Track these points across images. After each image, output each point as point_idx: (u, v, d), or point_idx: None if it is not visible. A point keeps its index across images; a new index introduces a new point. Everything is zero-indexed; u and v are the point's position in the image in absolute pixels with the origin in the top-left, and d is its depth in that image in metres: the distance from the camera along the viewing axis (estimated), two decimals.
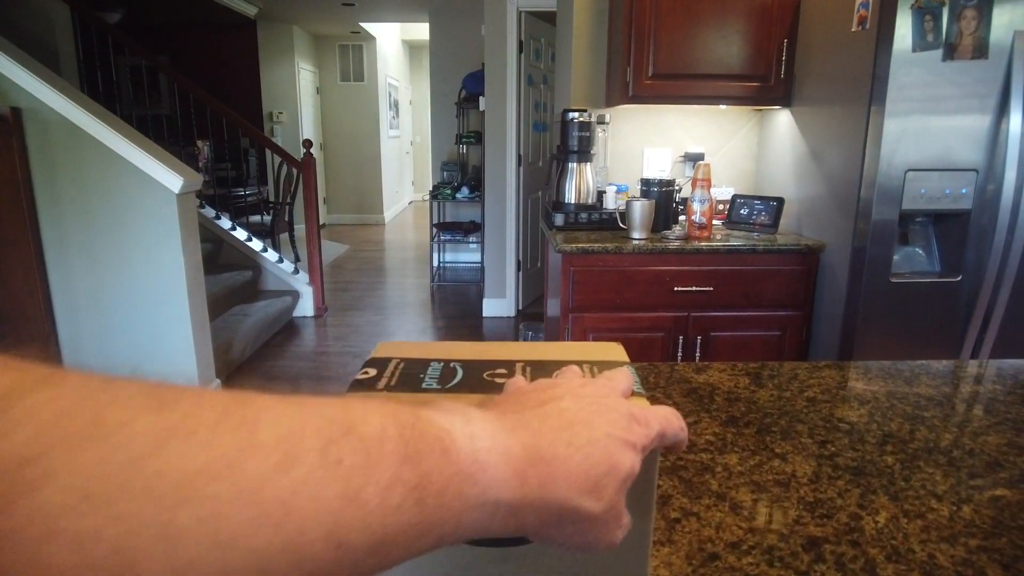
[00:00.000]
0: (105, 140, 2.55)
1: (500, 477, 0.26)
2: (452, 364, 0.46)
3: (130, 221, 2.63)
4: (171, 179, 2.59)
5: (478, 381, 0.43)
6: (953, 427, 0.78)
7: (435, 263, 5.68)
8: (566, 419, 0.30)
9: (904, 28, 1.74)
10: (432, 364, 0.47)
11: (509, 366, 0.45)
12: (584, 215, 2.30)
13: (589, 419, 0.31)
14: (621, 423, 0.31)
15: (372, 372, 0.46)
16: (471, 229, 5.35)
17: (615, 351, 0.47)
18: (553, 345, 0.47)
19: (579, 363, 0.43)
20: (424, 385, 0.44)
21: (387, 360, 0.48)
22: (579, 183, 2.33)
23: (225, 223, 4.26)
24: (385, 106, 8.69)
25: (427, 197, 5.76)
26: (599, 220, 2.30)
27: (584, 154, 2.32)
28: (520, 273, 4.44)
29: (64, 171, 2.58)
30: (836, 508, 0.61)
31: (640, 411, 0.33)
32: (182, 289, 2.70)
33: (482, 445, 0.26)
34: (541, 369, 0.43)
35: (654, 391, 0.88)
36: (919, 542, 0.56)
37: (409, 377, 0.45)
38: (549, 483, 0.28)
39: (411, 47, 10.29)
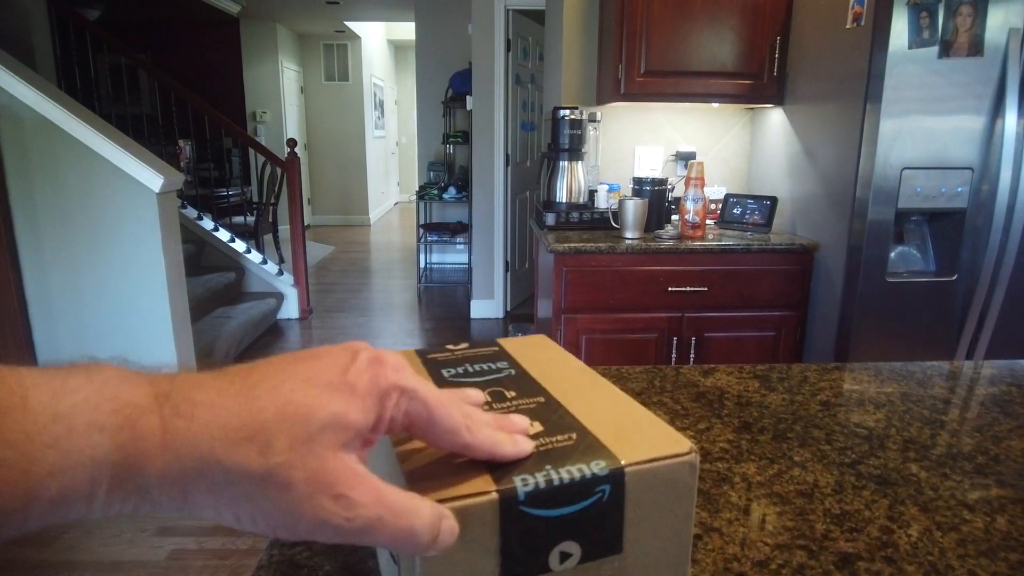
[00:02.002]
0: (82, 137, 2.47)
1: (92, 429, 0.21)
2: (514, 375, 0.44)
3: (108, 221, 2.55)
4: (151, 177, 2.52)
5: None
6: (974, 431, 0.75)
7: (422, 264, 5.62)
8: (248, 381, 0.24)
9: (900, 25, 1.72)
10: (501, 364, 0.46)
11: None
12: (576, 214, 2.26)
13: (281, 370, 0.25)
14: (333, 367, 0.25)
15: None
16: (458, 230, 5.29)
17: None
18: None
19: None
20: (446, 374, 0.44)
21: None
22: (570, 182, 2.30)
23: (207, 224, 4.17)
24: (370, 106, 8.61)
25: (413, 198, 5.71)
26: (591, 219, 2.26)
27: (575, 152, 2.28)
28: (508, 274, 4.39)
29: (39, 169, 2.50)
30: (865, 521, 0.57)
31: (387, 356, 0.27)
32: (163, 290, 2.62)
33: (72, 400, 0.21)
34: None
35: (660, 395, 0.84)
36: (957, 557, 0.52)
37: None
38: (185, 432, 0.21)
39: (396, 47, 10.21)
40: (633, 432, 0.36)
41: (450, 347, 0.49)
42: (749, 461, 0.67)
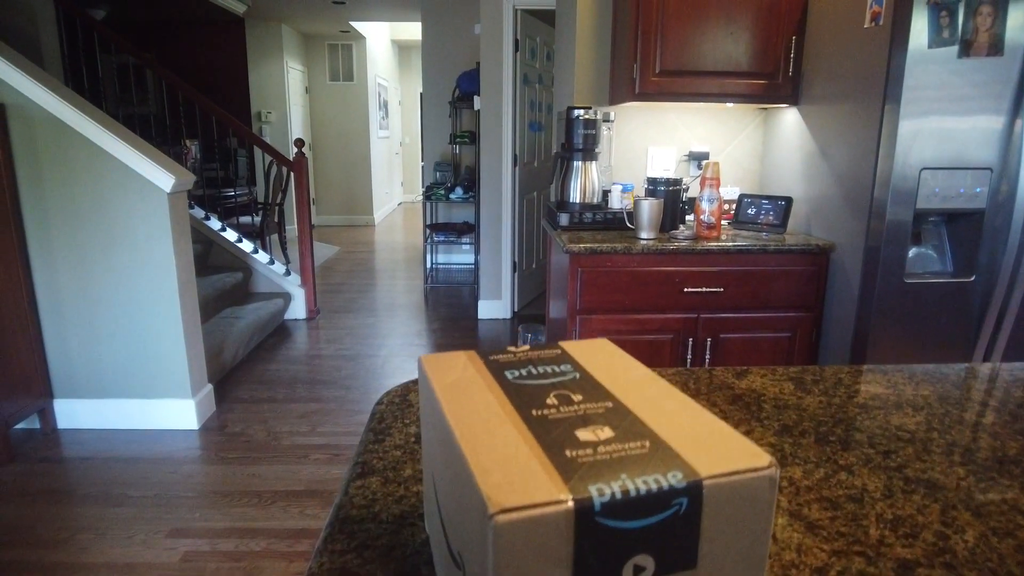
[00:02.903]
0: (93, 137, 2.47)
1: None
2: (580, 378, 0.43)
3: (119, 221, 2.55)
4: (162, 178, 2.52)
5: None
6: (1018, 435, 0.74)
7: (427, 265, 5.62)
8: None
9: (920, 24, 1.71)
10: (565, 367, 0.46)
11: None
12: (589, 215, 2.25)
13: None
14: None
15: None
16: (464, 230, 5.29)
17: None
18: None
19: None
20: (510, 376, 0.44)
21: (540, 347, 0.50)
22: (584, 182, 2.29)
23: (215, 224, 4.17)
24: (375, 106, 8.61)
25: (417, 198, 5.70)
26: (604, 220, 2.26)
27: (589, 152, 2.27)
28: (516, 274, 4.39)
29: (50, 169, 2.50)
30: (919, 526, 0.56)
31: None
32: (173, 291, 2.62)
33: None
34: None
35: (696, 398, 0.83)
36: (1016, 564, 0.51)
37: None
38: None
39: (400, 47, 10.21)
40: (708, 443, 0.35)
41: (512, 349, 0.48)
42: (794, 465, 0.66)
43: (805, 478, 0.64)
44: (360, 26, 7.67)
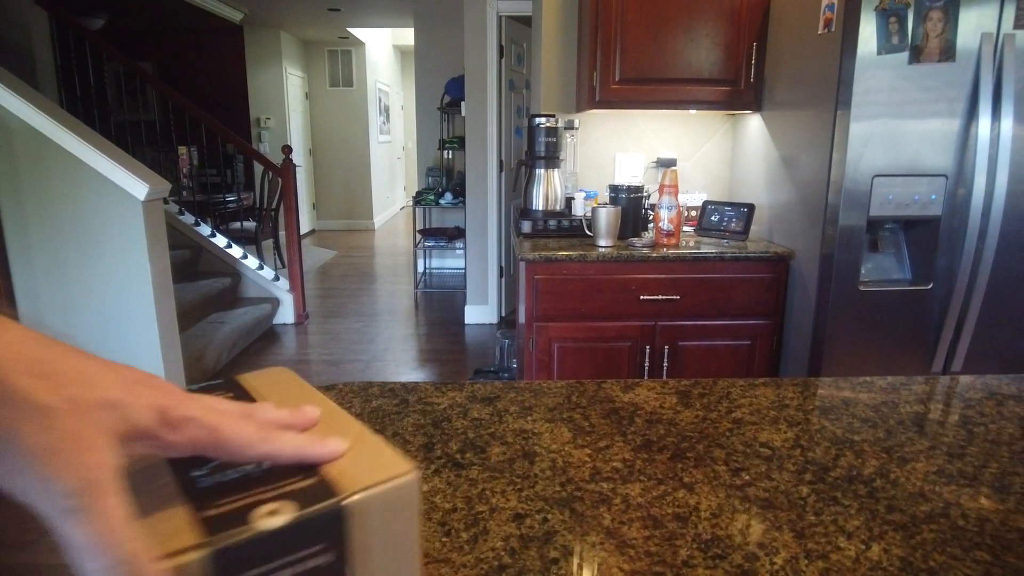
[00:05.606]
0: (68, 147, 2.51)
1: None
2: None
3: (95, 229, 2.58)
4: (136, 186, 2.55)
5: None
6: (882, 452, 0.73)
7: (421, 269, 5.63)
8: (56, 343, 0.28)
9: (869, 30, 1.70)
10: None
11: None
12: (552, 222, 2.25)
13: (86, 354, 0.28)
14: (129, 375, 0.29)
15: None
16: (455, 235, 5.30)
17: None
18: None
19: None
20: None
21: None
22: (547, 189, 2.29)
23: (205, 229, 4.21)
24: (375, 111, 8.65)
25: (411, 202, 5.74)
26: (568, 227, 2.25)
27: (552, 160, 2.28)
28: (503, 279, 4.39)
29: (28, 178, 2.54)
30: (732, 547, 0.56)
31: (173, 387, 0.30)
32: (149, 297, 2.65)
33: None
34: None
35: (572, 412, 0.83)
36: None
37: None
38: None
39: (402, 52, 10.26)
40: None
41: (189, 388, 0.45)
42: (636, 482, 0.66)
43: (641, 495, 0.64)
44: (359, 32, 7.72)
